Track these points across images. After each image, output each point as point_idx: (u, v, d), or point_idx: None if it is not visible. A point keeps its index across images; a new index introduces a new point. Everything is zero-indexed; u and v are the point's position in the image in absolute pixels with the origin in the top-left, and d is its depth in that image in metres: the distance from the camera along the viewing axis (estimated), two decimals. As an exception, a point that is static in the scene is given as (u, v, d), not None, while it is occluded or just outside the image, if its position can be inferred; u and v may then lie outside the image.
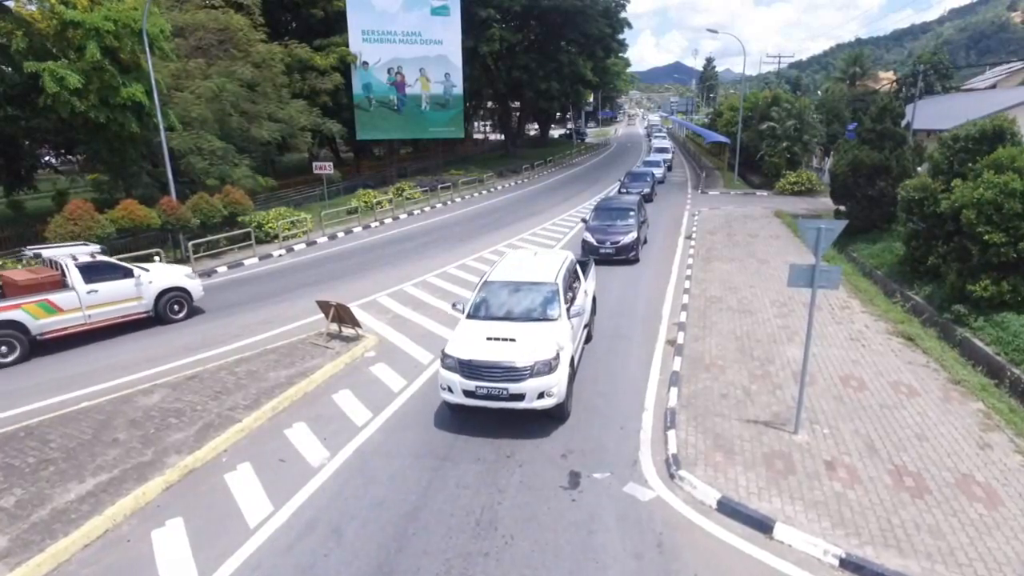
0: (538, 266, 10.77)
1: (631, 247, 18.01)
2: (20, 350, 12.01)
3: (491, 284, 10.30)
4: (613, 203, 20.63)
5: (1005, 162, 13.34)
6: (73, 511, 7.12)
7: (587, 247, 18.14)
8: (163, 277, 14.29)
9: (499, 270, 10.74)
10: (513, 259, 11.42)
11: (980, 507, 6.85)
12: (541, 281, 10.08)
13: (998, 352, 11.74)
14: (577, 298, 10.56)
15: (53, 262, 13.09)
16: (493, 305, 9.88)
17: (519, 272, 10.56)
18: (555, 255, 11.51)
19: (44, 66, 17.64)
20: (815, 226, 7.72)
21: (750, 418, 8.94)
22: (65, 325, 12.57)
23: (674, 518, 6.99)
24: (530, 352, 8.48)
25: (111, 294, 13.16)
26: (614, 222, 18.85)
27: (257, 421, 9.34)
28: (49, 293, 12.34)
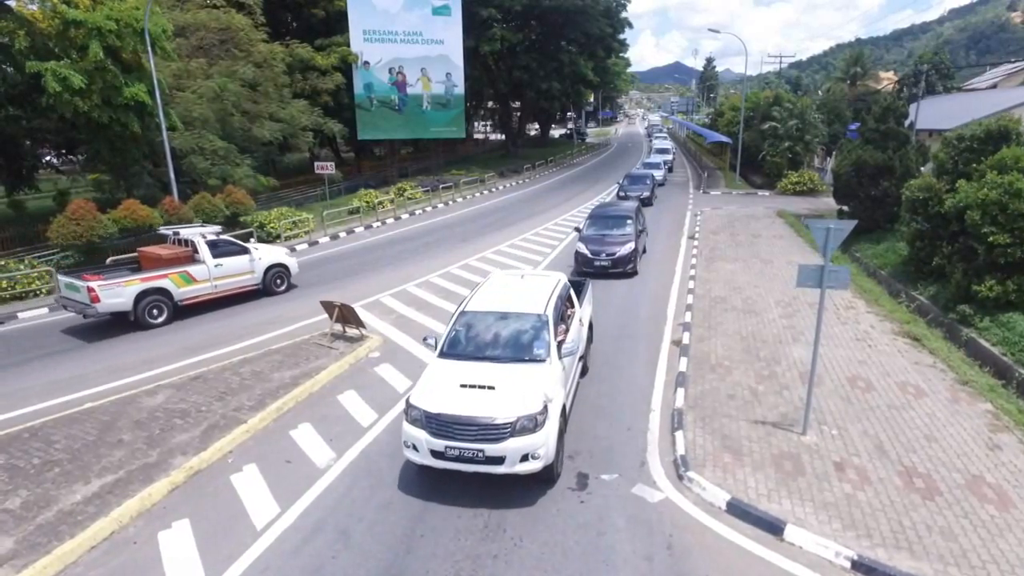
0: (525, 292, 9.28)
1: (628, 259, 16.60)
2: (167, 313, 14.10)
3: (469, 315, 8.81)
4: (609, 210, 19.01)
5: (1010, 162, 13.33)
6: (79, 513, 7.07)
7: (580, 259, 16.89)
8: (269, 255, 16.34)
9: (479, 297, 9.24)
10: (496, 283, 9.88)
11: (991, 509, 6.81)
12: (528, 312, 8.61)
13: (1004, 352, 11.72)
14: (571, 331, 9.20)
15: (185, 240, 15.03)
16: (470, 341, 8.47)
17: (502, 300, 9.10)
18: (545, 279, 10.00)
19: (46, 66, 17.62)
20: (824, 226, 7.68)
21: (758, 419, 8.90)
22: (198, 293, 14.64)
23: (683, 520, 6.95)
24: (512, 405, 7.10)
25: (232, 268, 15.25)
26: (610, 231, 17.38)
27: (262, 422, 9.29)
28: (186, 266, 14.42)
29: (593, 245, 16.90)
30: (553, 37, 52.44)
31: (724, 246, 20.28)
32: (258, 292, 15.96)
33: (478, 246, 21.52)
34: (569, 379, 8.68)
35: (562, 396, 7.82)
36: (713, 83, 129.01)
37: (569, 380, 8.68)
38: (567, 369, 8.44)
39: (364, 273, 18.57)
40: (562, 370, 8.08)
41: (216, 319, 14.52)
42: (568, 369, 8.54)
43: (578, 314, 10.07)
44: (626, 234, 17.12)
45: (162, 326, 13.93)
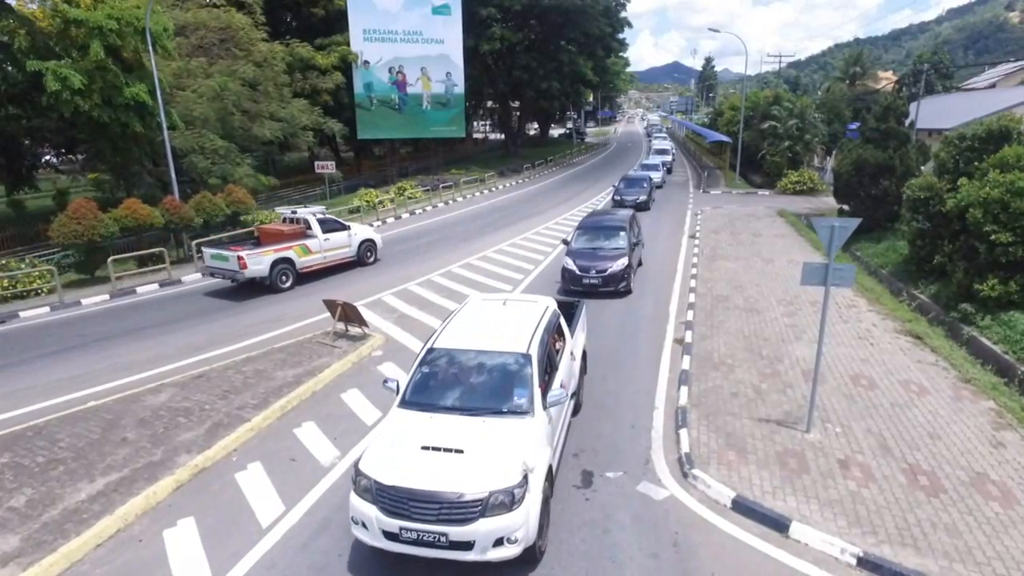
0: (506, 325, 7.88)
1: (621, 276, 14.84)
2: (292, 279, 16.64)
3: (437, 353, 7.43)
4: (600, 220, 17.20)
5: (1011, 161, 13.36)
6: (84, 511, 7.07)
7: (567, 276, 15.18)
8: (362, 232, 19.33)
9: (451, 330, 7.83)
10: (473, 311, 8.49)
11: (996, 506, 6.83)
12: (508, 351, 7.24)
13: (1006, 351, 11.74)
14: (559, 370, 7.80)
15: (300, 219, 17.78)
16: (437, 387, 7.14)
17: (478, 334, 7.72)
18: (531, 306, 8.51)
19: (47, 65, 17.59)
20: (828, 224, 7.69)
21: (761, 417, 8.91)
22: (313, 263, 17.30)
23: (689, 517, 6.97)
24: (484, 475, 5.82)
25: (336, 242, 18.00)
26: (601, 245, 15.64)
27: (266, 420, 9.29)
28: (303, 240, 17.02)
29: (582, 260, 15.14)
30: (553, 36, 52.45)
31: (725, 245, 20.29)
32: (353, 264, 18.70)
33: (479, 245, 21.52)
34: (557, 432, 7.33)
35: (547, 457, 6.50)
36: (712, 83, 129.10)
37: (557, 433, 7.34)
38: (554, 421, 7.14)
39: (365, 272, 18.55)
40: (548, 423, 6.81)
41: (218, 318, 14.53)
42: (556, 420, 7.24)
43: (569, 346, 8.66)
44: (619, 248, 15.38)
45: (289, 290, 16.47)
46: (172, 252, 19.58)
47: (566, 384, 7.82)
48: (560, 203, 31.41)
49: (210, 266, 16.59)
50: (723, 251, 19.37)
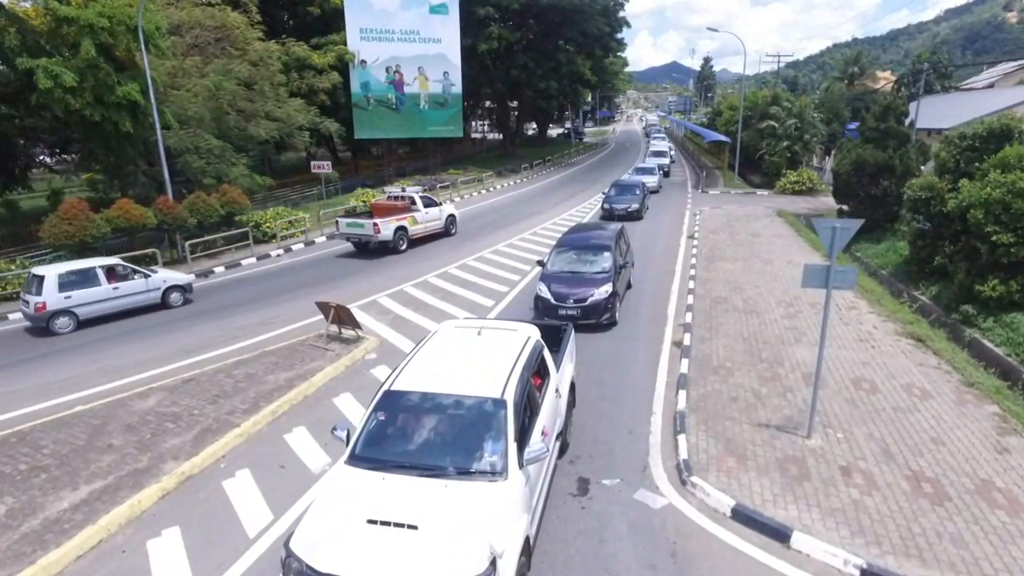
0: (479, 361, 6.78)
1: (603, 306, 12.44)
2: (406, 243, 20.72)
3: (395, 398, 6.31)
4: (581, 238, 14.68)
5: (1013, 161, 13.19)
6: (66, 520, 6.88)
7: (541, 305, 12.90)
8: (447, 208, 23.62)
9: (415, 368, 6.68)
10: (443, 343, 7.34)
11: (1002, 514, 6.66)
12: (479, 395, 6.13)
13: (1009, 353, 11.58)
14: (540, 415, 6.64)
15: (407, 196, 21.98)
16: (393, 440, 6.13)
17: (446, 374, 6.57)
18: (511, 336, 7.38)
19: (38, 63, 17.38)
20: (830, 225, 7.51)
21: (761, 422, 8.74)
22: (418, 232, 21.37)
23: (687, 526, 6.79)
24: (440, 562, 4.81)
25: (432, 216, 22.23)
26: (581, 269, 13.32)
27: (256, 426, 9.10)
28: (411, 212, 21.13)
29: (559, 286, 12.84)
30: (551, 36, 52.29)
31: (724, 246, 20.12)
32: (441, 234, 22.85)
33: (475, 246, 21.33)
34: (536, 492, 6.19)
35: (523, 528, 5.44)
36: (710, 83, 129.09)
37: (536, 493, 6.19)
38: (532, 481, 6.00)
39: (361, 273, 18.38)
40: (524, 485, 5.71)
41: (210, 320, 14.33)
42: (535, 480, 6.11)
43: (554, 381, 7.53)
44: (602, 272, 13.05)
45: (404, 252, 20.52)
46: (165, 253, 19.39)
47: (549, 430, 6.74)
48: (558, 203, 31.23)
49: (344, 232, 20.70)
50: (722, 252, 19.20)
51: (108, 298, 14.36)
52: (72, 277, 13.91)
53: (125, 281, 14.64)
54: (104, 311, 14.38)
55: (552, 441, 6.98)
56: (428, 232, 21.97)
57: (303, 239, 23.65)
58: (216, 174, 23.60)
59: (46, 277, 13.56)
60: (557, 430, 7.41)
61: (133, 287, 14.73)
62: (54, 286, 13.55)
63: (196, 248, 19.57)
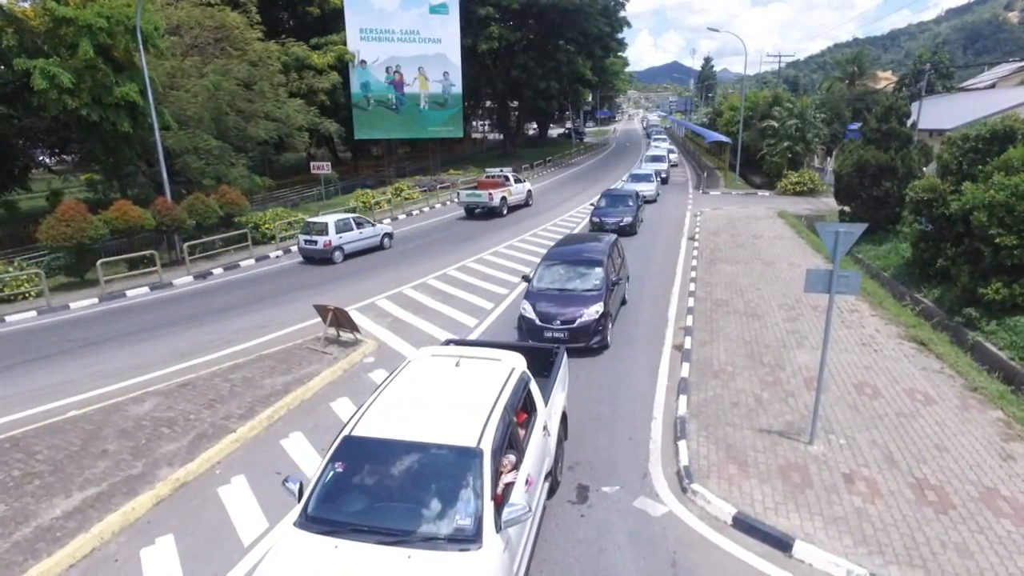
0: (456, 399, 6.06)
1: (593, 328, 11.32)
2: (507, 209, 27.54)
3: (356, 446, 5.51)
4: (570, 252, 13.45)
5: (1017, 163, 13.09)
6: (58, 528, 6.79)
7: (526, 327, 11.75)
8: (528, 184, 30.84)
9: (380, 409, 5.88)
10: (415, 376, 6.51)
11: (1008, 523, 6.56)
12: (451, 444, 5.35)
13: (1012, 357, 11.47)
14: (525, 461, 5.92)
15: (501, 176, 29.62)
16: (350, 498, 5.30)
17: (416, 414, 5.80)
18: (493, 369, 6.56)
19: (35, 63, 17.31)
20: (834, 230, 7.40)
21: (763, 427, 8.64)
22: (511, 203, 28.05)
23: (688, 535, 6.69)
24: None
25: (518, 190, 29.11)
26: (569, 286, 12.18)
27: (252, 431, 9.02)
28: (507, 187, 27.91)
29: (545, 305, 11.68)
30: (551, 36, 52.23)
31: (725, 247, 20.02)
32: (522, 205, 29.47)
33: (475, 248, 21.23)
34: (518, 559, 5.39)
35: None
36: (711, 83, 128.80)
37: (518, 560, 5.40)
38: (514, 544, 5.25)
39: (359, 275, 18.28)
40: (503, 552, 4.93)
41: (207, 323, 14.24)
42: (516, 542, 5.34)
43: (542, 418, 6.74)
44: (593, 290, 11.90)
45: (505, 216, 27.16)
46: (164, 255, 19.32)
47: (534, 478, 5.97)
48: (559, 204, 31.11)
49: (464, 201, 27.74)
50: (723, 254, 19.09)
51: (357, 239, 20.41)
52: (340, 224, 19.93)
53: (363, 228, 20.73)
54: (355, 248, 20.29)
55: (539, 489, 6.35)
56: (517, 202, 28.73)
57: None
58: (215, 175, 23.53)
59: (328, 224, 19.56)
60: (545, 470, 6.70)
61: (368, 232, 20.87)
62: (334, 229, 19.48)
63: (195, 250, 19.49)
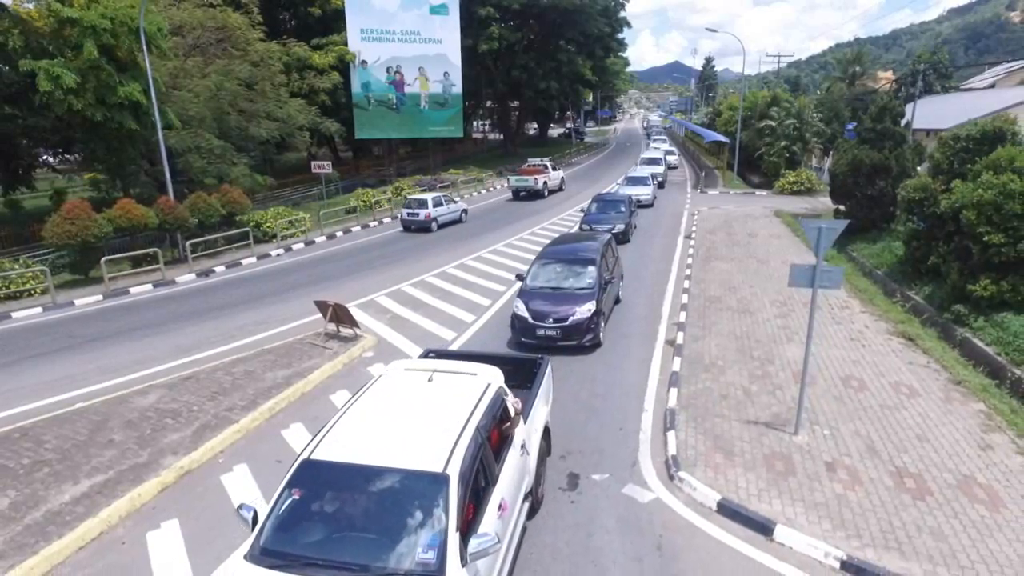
0: (424, 418, 5.62)
1: (586, 326, 11.37)
2: (547, 192, 33.14)
3: (314, 471, 5.07)
4: (564, 250, 13.52)
5: (1004, 163, 13.30)
6: (67, 513, 7.05)
7: (519, 325, 11.80)
8: (560, 172, 36.72)
9: (343, 430, 5.44)
10: (383, 392, 6.09)
11: (982, 509, 6.80)
12: (415, 468, 4.92)
13: (999, 352, 11.68)
14: (499, 485, 5.49)
15: (541, 164, 36.11)
16: (307, 528, 4.86)
17: (380, 435, 5.39)
18: (468, 385, 6.15)
19: (40, 64, 17.59)
20: (816, 225, 7.65)
21: (750, 419, 8.88)
22: (549, 187, 33.30)
23: (674, 520, 6.94)
24: None
25: (555, 177, 34.94)
26: (562, 284, 12.24)
27: (254, 422, 9.27)
28: (546, 174, 33.76)
29: (537, 303, 11.73)
30: (551, 36, 52.45)
31: (720, 245, 20.26)
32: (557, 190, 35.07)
33: (474, 246, 21.49)
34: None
35: None
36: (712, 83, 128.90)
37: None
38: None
39: (360, 272, 18.55)
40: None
41: (210, 319, 14.51)
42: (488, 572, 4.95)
43: (520, 436, 6.31)
44: (586, 288, 11.93)
45: (547, 198, 32.60)
46: (167, 253, 19.56)
47: (509, 502, 5.58)
48: (559, 203, 31.35)
49: (514, 186, 32.99)
50: (718, 252, 19.34)
51: (445, 213, 25.42)
52: (436, 200, 25.35)
53: (449, 204, 26.04)
54: (445, 220, 25.32)
55: (515, 513, 5.92)
56: (553, 187, 34.40)
57: (303, 239, 23.84)
58: (217, 174, 23.82)
59: (428, 200, 24.97)
60: (525, 489, 6.35)
61: (452, 208, 26.09)
62: (431, 204, 24.78)
63: (197, 248, 19.76)
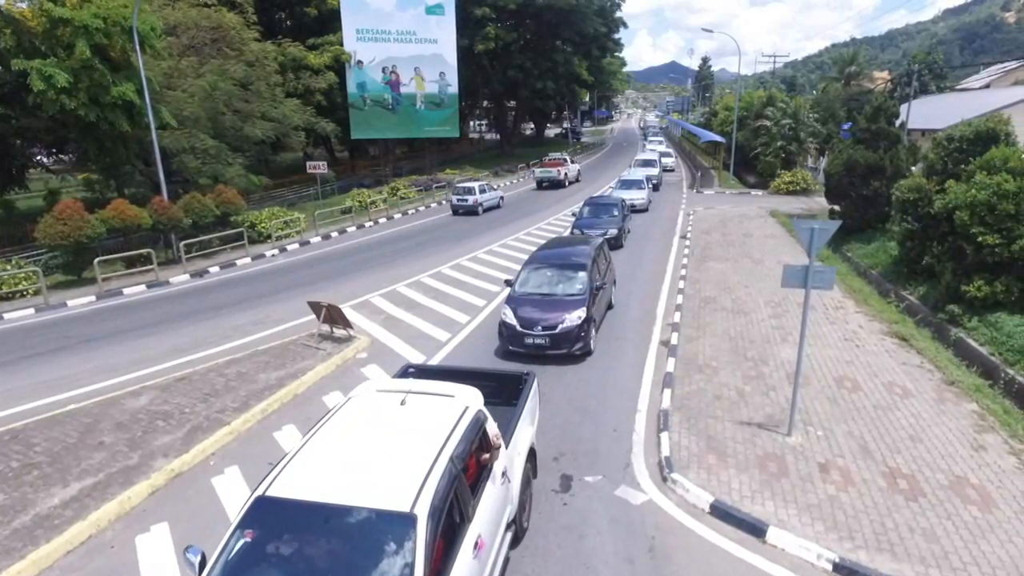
0: (393, 448, 5.03)
1: (576, 334, 10.96)
2: (568, 183, 37.35)
3: (270, 509, 4.50)
4: (554, 255, 13.01)
5: (998, 163, 13.34)
6: (56, 516, 6.99)
7: (507, 333, 11.34)
8: (577, 165, 41.77)
9: (303, 462, 4.84)
10: (351, 419, 5.47)
11: (974, 509, 6.80)
12: (379, 509, 4.37)
13: (992, 352, 11.72)
14: (472, 524, 4.93)
15: (560, 159, 40.46)
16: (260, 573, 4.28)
17: (343, 468, 4.81)
18: (443, 408, 5.58)
19: (32, 64, 17.48)
20: (809, 226, 7.64)
21: (743, 420, 8.87)
22: (567, 178, 37.42)
23: (666, 522, 6.92)
24: None
25: (573, 169, 39.32)
26: (552, 291, 11.78)
27: (246, 424, 9.23)
28: (566, 166, 38.29)
29: (527, 310, 11.29)
30: (547, 36, 52.44)
31: (716, 246, 20.27)
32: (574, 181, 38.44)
33: (470, 246, 21.46)
34: None
35: None
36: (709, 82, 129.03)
37: None
38: None
39: (355, 273, 18.50)
40: None
41: (204, 320, 14.44)
42: None
43: (502, 463, 5.85)
44: (576, 294, 11.50)
45: (569, 187, 36.26)
46: (160, 253, 19.49)
47: (487, 539, 5.16)
48: (554, 203, 31.34)
49: (540, 178, 37.22)
50: (713, 252, 19.34)
51: (489, 199, 29.32)
52: (481, 187, 29.43)
53: (492, 192, 30.25)
54: (488, 205, 29.10)
55: (494, 549, 5.47)
56: (572, 178, 38.34)
57: (298, 239, 23.77)
58: (212, 174, 23.75)
59: (475, 187, 28.89)
60: (507, 519, 5.92)
61: (493, 195, 30.07)
62: (478, 191, 28.68)
63: (191, 248, 19.68)
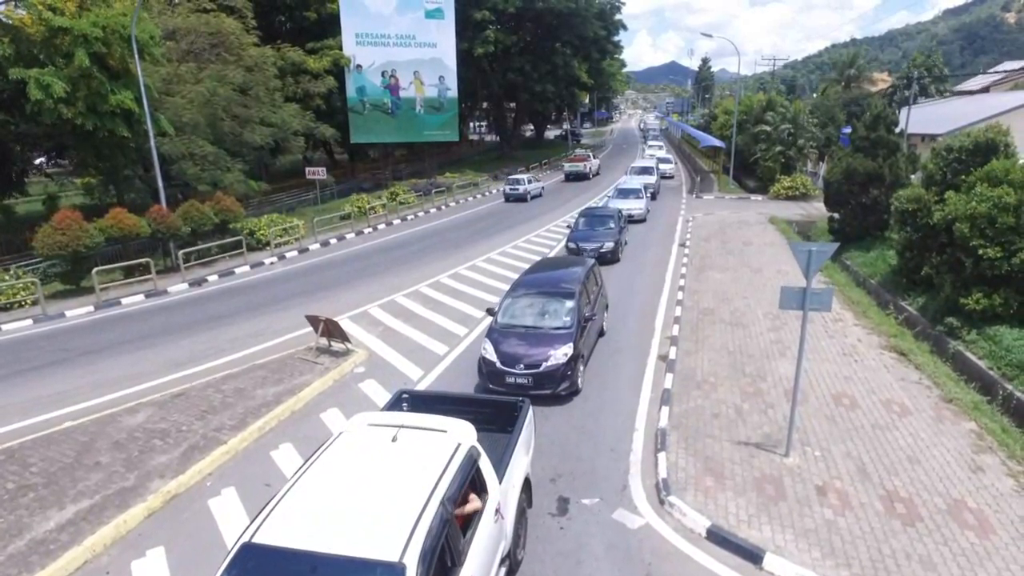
0: (382, 491, 4.87)
1: (562, 372, 9.97)
2: (592, 176, 43.33)
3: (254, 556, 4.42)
4: (540, 281, 12.02)
5: (999, 175, 13.30)
6: (52, 541, 6.98)
7: (487, 370, 10.33)
8: (598, 161, 47.20)
9: (290, 507, 4.75)
10: (341, 457, 5.35)
11: (971, 535, 6.78)
12: (365, 559, 4.21)
13: (991, 366, 11.70)
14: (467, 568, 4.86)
15: (583, 154, 48.03)
16: None
17: (331, 514, 4.66)
18: (434, 445, 5.44)
19: (29, 73, 17.45)
20: (806, 249, 7.62)
21: (741, 439, 8.85)
22: (590, 171, 43.35)
23: (663, 547, 6.90)
24: None
25: (595, 164, 45.19)
26: (536, 323, 10.79)
27: (243, 442, 9.21)
28: (589, 161, 44.52)
29: (508, 346, 10.30)
30: (547, 39, 52.41)
31: (715, 254, 20.23)
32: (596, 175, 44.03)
33: (469, 254, 21.43)
34: None
35: None
36: (709, 83, 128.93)
37: None
38: None
39: (353, 282, 18.47)
40: None
41: (202, 331, 14.41)
42: None
43: (495, 501, 5.68)
44: (562, 328, 10.50)
45: (592, 179, 42.42)
46: (159, 261, 19.47)
47: None
48: (555, 208, 31.30)
49: (568, 171, 42.52)
50: (712, 261, 19.31)
51: (533, 188, 34.41)
52: (528, 179, 34.75)
53: (536, 183, 35.33)
54: (533, 194, 34.15)
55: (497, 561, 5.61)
56: (594, 172, 43.43)
57: (297, 246, 23.74)
58: (211, 180, 23.70)
59: (524, 179, 34.35)
60: (500, 555, 5.82)
61: (538, 185, 35.53)
62: (527, 181, 34.18)
63: (190, 256, 19.66)
